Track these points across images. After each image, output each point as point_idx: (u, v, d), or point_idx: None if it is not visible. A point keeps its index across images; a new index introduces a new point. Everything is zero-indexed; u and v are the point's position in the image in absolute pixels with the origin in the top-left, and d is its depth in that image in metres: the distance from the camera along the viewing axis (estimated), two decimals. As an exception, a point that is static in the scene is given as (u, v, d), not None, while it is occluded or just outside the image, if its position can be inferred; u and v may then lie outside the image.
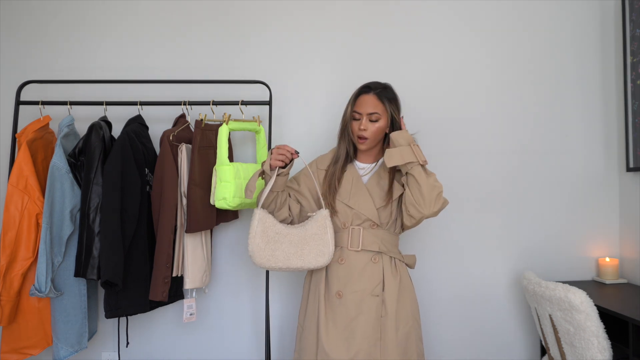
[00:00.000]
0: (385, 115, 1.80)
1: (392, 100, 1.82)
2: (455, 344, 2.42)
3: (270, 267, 1.73)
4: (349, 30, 2.49)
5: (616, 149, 2.49)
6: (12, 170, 1.99)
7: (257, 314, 2.39)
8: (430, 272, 2.42)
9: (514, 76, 2.50)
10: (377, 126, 1.79)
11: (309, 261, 1.73)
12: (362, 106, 1.79)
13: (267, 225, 1.74)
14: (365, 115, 1.78)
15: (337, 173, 1.85)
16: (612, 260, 2.36)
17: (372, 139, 1.81)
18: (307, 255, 1.73)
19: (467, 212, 2.45)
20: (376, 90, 1.81)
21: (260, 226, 1.73)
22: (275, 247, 1.72)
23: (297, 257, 1.73)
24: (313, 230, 1.74)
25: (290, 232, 1.75)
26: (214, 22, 2.47)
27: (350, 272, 1.78)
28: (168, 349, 2.37)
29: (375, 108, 1.78)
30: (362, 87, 1.84)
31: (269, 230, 1.74)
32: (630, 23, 2.39)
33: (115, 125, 2.26)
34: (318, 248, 1.73)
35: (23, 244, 1.97)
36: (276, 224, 1.75)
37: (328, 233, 1.74)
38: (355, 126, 1.81)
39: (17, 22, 2.45)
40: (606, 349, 1.75)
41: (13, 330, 2.01)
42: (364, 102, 1.80)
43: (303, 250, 1.73)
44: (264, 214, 1.75)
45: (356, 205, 1.80)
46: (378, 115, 1.78)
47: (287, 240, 1.74)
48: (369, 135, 1.79)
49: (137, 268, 2.03)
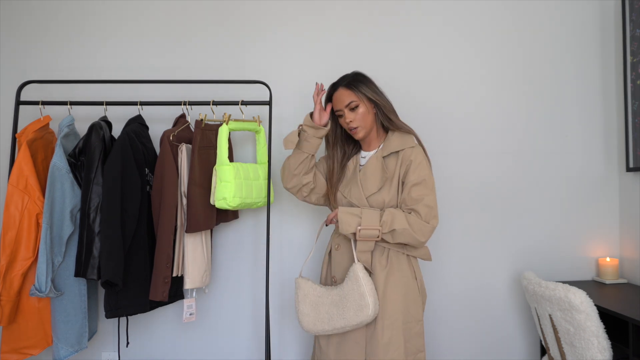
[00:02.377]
0: (362, 100, 1.83)
1: (361, 83, 1.85)
2: (456, 343, 2.42)
3: (317, 331, 1.77)
4: (348, 30, 2.49)
5: (616, 149, 2.49)
6: (12, 170, 1.99)
7: (257, 314, 2.39)
8: (430, 272, 2.42)
9: (514, 76, 2.50)
10: (359, 113, 1.83)
11: (350, 318, 1.71)
12: (337, 103, 1.87)
13: (308, 291, 1.80)
14: (345, 109, 1.84)
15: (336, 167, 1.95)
16: (612, 260, 2.36)
17: (363, 126, 1.85)
18: (348, 312, 1.71)
19: (467, 212, 2.45)
20: (342, 82, 1.87)
21: (302, 293, 1.81)
22: (318, 310, 1.77)
23: (339, 317, 1.73)
24: (349, 286, 1.73)
25: (331, 292, 1.77)
26: (214, 22, 2.47)
27: (343, 258, 1.86)
28: (168, 349, 2.37)
29: (349, 97, 1.83)
30: (330, 87, 1.91)
31: (311, 295, 1.80)
32: (630, 23, 2.39)
33: (115, 125, 2.26)
34: (356, 303, 1.70)
35: (23, 244, 1.96)
36: (316, 288, 1.81)
37: (363, 285, 1.71)
38: (343, 122, 1.88)
39: (17, 22, 2.45)
40: (606, 349, 1.75)
41: (13, 330, 2.01)
42: (337, 98, 1.87)
43: (344, 309, 1.72)
44: (303, 281, 1.83)
45: (349, 195, 1.86)
46: (355, 102, 1.83)
47: (328, 302, 1.76)
48: (358, 123, 1.84)
49: (137, 268, 2.03)
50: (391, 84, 2.45)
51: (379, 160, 1.85)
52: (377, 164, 1.85)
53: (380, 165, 1.84)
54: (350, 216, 1.75)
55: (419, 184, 1.76)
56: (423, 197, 1.74)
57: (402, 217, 1.72)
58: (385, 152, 1.85)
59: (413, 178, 1.77)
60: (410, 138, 1.86)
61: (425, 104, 2.47)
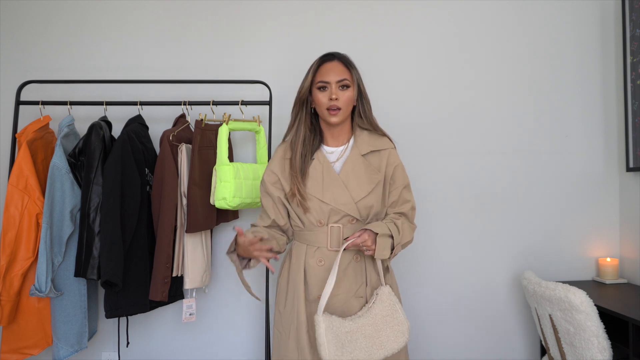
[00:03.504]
0: (353, 84, 1.62)
1: (356, 68, 1.66)
2: (456, 343, 2.42)
3: None
4: (349, 30, 2.49)
5: (616, 149, 2.49)
6: (12, 170, 1.99)
7: (257, 314, 2.39)
8: (430, 273, 2.42)
9: (514, 76, 2.50)
10: (347, 95, 1.60)
11: (390, 347, 1.55)
12: (329, 74, 1.60)
13: (335, 329, 1.51)
14: (334, 83, 1.59)
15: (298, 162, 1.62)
16: (612, 260, 2.36)
17: (345, 110, 1.61)
18: (386, 341, 1.55)
19: (467, 212, 2.45)
20: (340, 56, 1.65)
21: (329, 334, 1.50)
22: (352, 348, 1.51)
23: (377, 348, 1.54)
24: (382, 312, 1.57)
25: (361, 324, 1.55)
26: (214, 22, 2.47)
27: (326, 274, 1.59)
28: (168, 349, 2.37)
29: (344, 74, 1.61)
30: (324, 55, 1.66)
31: (339, 333, 1.51)
32: (630, 23, 2.38)
33: (115, 125, 2.26)
34: (395, 329, 1.57)
35: (23, 244, 1.97)
36: (343, 323, 1.53)
37: (398, 310, 1.59)
38: (323, 97, 1.60)
39: (17, 22, 2.45)
40: (606, 349, 1.75)
41: (13, 330, 2.01)
42: (329, 69, 1.61)
43: (381, 339, 1.55)
44: (327, 319, 1.51)
45: (332, 200, 1.58)
46: (348, 81, 1.60)
47: (360, 336, 1.53)
48: (342, 105, 1.59)
49: (137, 268, 2.03)
50: (391, 84, 2.46)
51: (360, 159, 1.64)
52: (358, 163, 1.63)
53: (364, 165, 1.63)
54: (385, 239, 1.53)
55: (407, 187, 1.69)
56: (410, 200, 1.69)
57: (407, 225, 1.64)
58: (365, 150, 1.64)
59: (402, 181, 1.67)
60: (385, 139, 1.70)
61: (425, 104, 2.47)
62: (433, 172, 2.44)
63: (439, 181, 2.43)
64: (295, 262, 1.66)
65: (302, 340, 1.58)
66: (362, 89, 1.66)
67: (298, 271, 1.63)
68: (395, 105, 2.44)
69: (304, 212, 1.61)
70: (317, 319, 1.50)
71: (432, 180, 2.44)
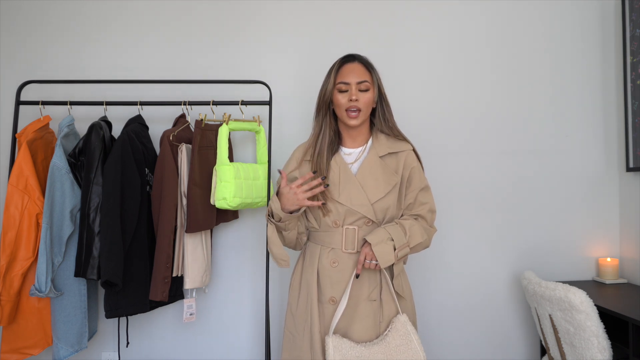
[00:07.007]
0: (373, 86, 1.63)
1: (376, 70, 1.67)
2: (456, 344, 2.42)
3: None
4: (349, 30, 2.49)
5: (616, 149, 2.49)
6: (12, 170, 1.99)
7: (257, 314, 2.39)
8: (430, 272, 2.42)
9: (514, 76, 2.50)
10: (367, 97, 1.61)
11: None
12: (349, 75, 1.61)
13: (344, 353, 1.49)
14: (355, 85, 1.59)
15: (324, 164, 1.62)
16: (612, 260, 2.36)
17: (365, 112, 1.62)
18: None
19: (467, 212, 2.45)
20: (360, 58, 1.66)
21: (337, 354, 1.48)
22: None
23: None
24: (396, 342, 1.53)
25: (372, 351, 1.51)
26: (215, 22, 2.47)
27: (343, 275, 1.59)
28: (168, 349, 2.37)
29: (365, 76, 1.61)
30: (345, 57, 1.66)
31: (349, 357, 1.49)
32: (630, 23, 2.38)
33: (115, 125, 2.26)
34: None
35: (23, 244, 1.97)
36: (354, 348, 1.50)
37: (414, 340, 1.54)
38: (343, 99, 1.60)
39: (17, 22, 2.45)
40: (606, 349, 1.75)
41: (13, 330, 2.01)
42: (350, 70, 1.62)
43: None
44: (337, 341, 1.50)
45: (347, 201, 1.58)
46: (368, 84, 1.61)
47: None
48: (362, 106, 1.59)
49: (137, 268, 2.03)
50: (392, 84, 2.46)
51: (377, 160, 1.64)
52: (376, 165, 1.63)
53: (381, 167, 1.63)
54: (383, 245, 1.51)
55: (424, 189, 1.67)
56: (428, 202, 1.67)
57: (417, 226, 1.61)
58: (382, 152, 1.64)
59: (419, 183, 1.66)
60: (404, 142, 1.70)
61: (426, 104, 2.47)
62: (433, 172, 2.43)
63: (438, 182, 2.43)
64: (308, 263, 1.66)
65: (315, 341, 1.57)
66: (382, 92, 1.67)
67: (312, 272, 1.63)
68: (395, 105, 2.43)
69: (323, 215, 1.61)
70: (326, 339, 1.51)
71: (431, 180, 2.43)
